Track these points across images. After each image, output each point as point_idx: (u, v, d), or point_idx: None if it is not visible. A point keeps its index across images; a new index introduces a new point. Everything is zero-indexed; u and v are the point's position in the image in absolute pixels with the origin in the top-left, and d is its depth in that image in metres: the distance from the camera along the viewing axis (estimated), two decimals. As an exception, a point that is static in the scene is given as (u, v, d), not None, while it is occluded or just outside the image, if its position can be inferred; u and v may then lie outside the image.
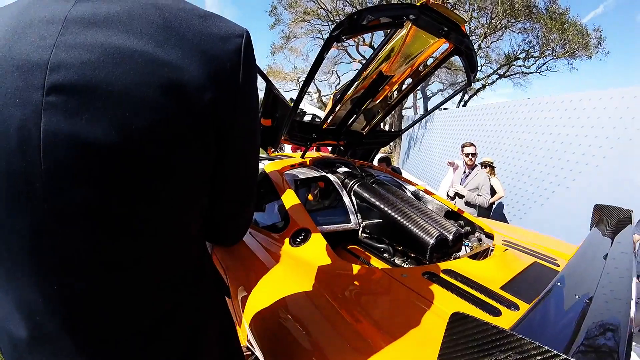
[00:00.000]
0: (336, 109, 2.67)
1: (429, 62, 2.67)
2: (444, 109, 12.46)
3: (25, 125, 0.47)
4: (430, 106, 18.73)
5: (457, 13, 2.02)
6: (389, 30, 2.11)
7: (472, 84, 2.69)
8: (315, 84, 24.83)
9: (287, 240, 1.80)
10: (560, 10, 15.11)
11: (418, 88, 16.06)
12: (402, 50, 2.25)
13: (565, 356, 0.43)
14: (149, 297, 0.63)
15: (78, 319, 0.57)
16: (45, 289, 0.54)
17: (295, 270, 1.58)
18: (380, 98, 2.85)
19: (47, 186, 0.49)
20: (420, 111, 22.47)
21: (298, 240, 1.78)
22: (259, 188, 2.47)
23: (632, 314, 0.70)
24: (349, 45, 18.90)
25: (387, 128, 17.92)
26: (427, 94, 22.99)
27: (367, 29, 1.93)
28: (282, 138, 2.72)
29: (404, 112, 20.25)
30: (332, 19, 16.48)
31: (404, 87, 2.97)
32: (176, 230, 0.63)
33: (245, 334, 1.44)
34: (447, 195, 4.86)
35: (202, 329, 0.75)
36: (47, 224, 0.51)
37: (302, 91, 2.21)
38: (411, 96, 22.04)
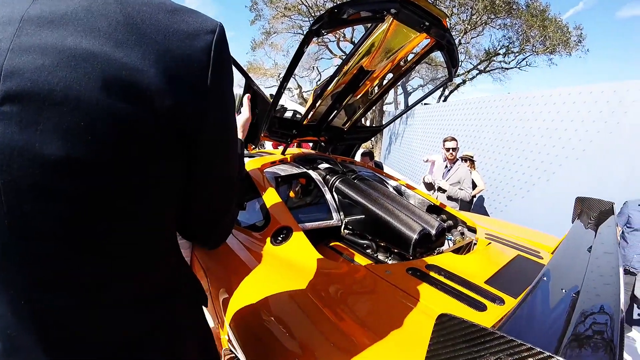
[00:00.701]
0: (317, 105, 2.64)
1: (410, 57, 2.66)
2: (425, 104, 12.55)
3: None
4: (411, 101, 18.83)
5: (439, 8, 2.01)
6: (369, 25, 2.09)
7: (453, 79, 2.69)
8: (296, 79, 24.71)
9: (268, 239, 1.77)
10: (541, 7, 15.33)
11: (399, 83, 16.17)
12: (383, 45, 2.23)
13: (558, 358, 0.41)
14: (122, 311, 0.60)
15: (50, 334, 0.54)
16: (15, 305, 0.52)
17: (276, 269, 1.55)
18: (361, 93, 2.83)
19: (7, 202, 0.46)
20: (402, 107, 22.58)
21: (279, 239, 1.74)
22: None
23: (622, 304, 0.69)
24: (330, 41, 18.87)
25: (368, 123, 17.96)
26: (408, 89, 23.11)
27: (347, 22, 1.90)
28: (262, 135, 2.67)
29: (385, 108, 20.32)
30: (313, 14, 16.38)
31: (384, 82, 2.95)
32: (146, 242, 0.60)
33: (226, 335, 1.41)
34: (424, 182, 4.86)
35: (181, 340, 0.72)
36: (11, 239, 0.48)
37: (282, 86, 2.17)
38: (392, 92, 22.16)
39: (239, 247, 1.82)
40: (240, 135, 1.03)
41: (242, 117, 1.16)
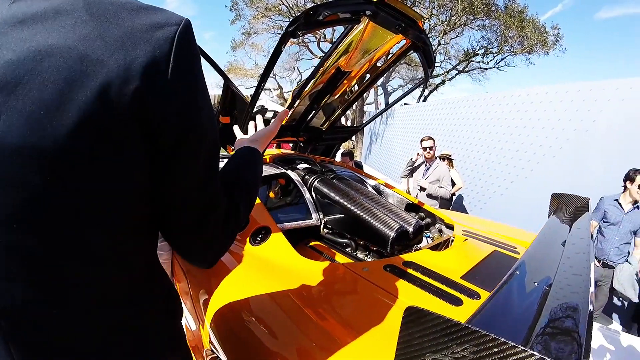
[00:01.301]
0: (295, 105, 2.63)
1: (387, 58, 2.68)
2: (405, 104, 12.66)
3: None
4: (391, 102, 19.06)
5: (417, 10, 2.04)
6: (346, 26, 2.10)
7: (431, 79, 2.73)
8: (276, 80, 24.65)
9: (247, 239, 1.76)
10: (519, 8, 15.64)
11: (379, 84, 16.28)
12: (360, 46, 2.24)
13: (522, 347, 0.41)
14: (88, 314, 0.60)
15: (14, 332, 0.55)
16: None
17: (256, 269, 1.54)
18: (339, 93, 2.84)
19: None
20: (382, 107, 22.72)
21: (258, 239, 1.73)
22: None
23: (591, 295, 0.71)
24: (310, 41, 18.88)
25: (349, 124, 18.04)
26: (388, 89, 23.26)
27: (323, 24, 1.91)
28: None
29: (365, 108, 20.42)
30: (293, 14, 16.36)
31: (362, 82, 2.96)
32: (110, 240, 0.59)
33: (207, 336, 1.40)
34: (419, 186, 4.89)
35: (152, 350, 0.72)
36: None
37: (260, 86, 2.16)
38: (372, 92, 22.28)
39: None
40: (260, 147, 0.96)
41: (265, 129, 1.08)
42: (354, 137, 17.30)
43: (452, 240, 2.06)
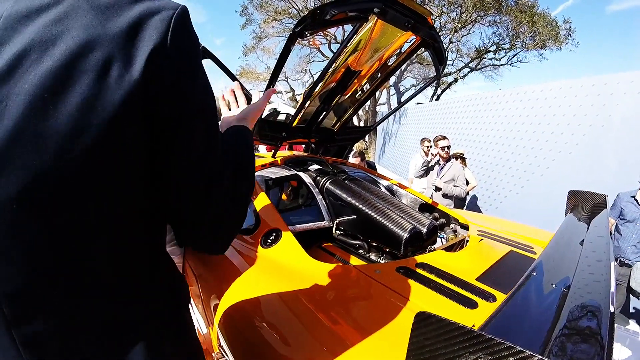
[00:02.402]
0: (305, 106, 2.61)
1: (397, 56, 2.65)
2: (418, 103, 12.56)
3: None
4: (403, 100, 19.00)
5: (427, 7, 2.00)
6: (355, 25, 2.07)
7: (443, 77, 2.70)
8: (288, 83, 24.69)
9: (259, 242, 1.74)
10: (529, 2, 15.44)
11: (391, 84, 16.20)
12: (369, 44, 2.21)
13: (540, 357, 0.38)
14: (90, 300, 0.61)
15: (17, 319, 0.56)
16: None
17: (267, 271, 1.53)
18: (350, 93, 2.81)
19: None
20: (394, 102, 22.57)
21: (269, 241, 1.72)
22: None
23: (612, 296, 0.67)
24: (322, 43, 18.88)
25: (362, 124, 17.96)
26: (401, 89, 23.09)
27: (331, 23, 1.89)
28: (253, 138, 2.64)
29: (377, 108, 20.34)
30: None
31: (373, 81, 2.93)
32: (113, 225, 0.60)
33: (217, 339, 1.39)
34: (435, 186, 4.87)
35: (156, 339, 0.71)
36: None
37: (269, 87, 2.15)
38: (384, 92, 22.17)
39: (230, 252, 1.80)
40: (249, 125, 0.93)
41: (251, 105, 1.04)
42: (367, 138, 17.24)
43: (467, 241, 2.01)
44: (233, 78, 2.87)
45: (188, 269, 2.07)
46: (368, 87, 2.97)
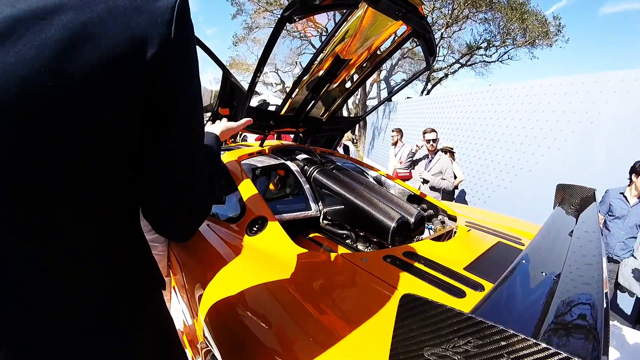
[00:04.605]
0: (293, 94, 2.57)
1: (387, 45, 2.61)
2: (408, 97, 12.57)
3: None
4: (395, 96, 19.00)
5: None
6: (344, 12, 2.03)
7: (434, 73, 2.68)
8: (279, 75, 24.54)
9: (244, 230, 1.71)
10: (519, 0, 15.50)
11: (381, 78, 16.20)
12: (359, 33, 2.18)
13: (534, 340, 0.35)
14: (56, 266, 0.59)
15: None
16: None
17: (252, 260, 1.49)
18: (339, 82, 2.78)
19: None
20: (384, 96, 22.58)
21: (254, 229, 1.68)
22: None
23: (605, 285, 0.65)
24: (313, 35, 18.76)
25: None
26: (391, 83, 23.08)
27: (320, 8, 1.85)
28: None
29: (368, 102, 20.33)
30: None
31: (362, 70, 2.90)
32: (91, 202, 0.59)
33: (201, 329, 1.36)
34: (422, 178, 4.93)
35: (135, 324, 0.71)
36: None
37: (257, 73, 2.11)
38: (375, 86, 22.14)
39: (215, 240, 1.77)
40: (218, 133, 1.04)
41: (229, 123, 1.17)
42: (356, 132, 17.23)
43: (455, 232, 2.00)
44: (224, 69, 2.83)
45: (173, 257, 2.04)
46: (357, 76, 2.93)
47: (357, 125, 17.15)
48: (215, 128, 1.07)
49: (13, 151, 0.49)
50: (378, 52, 2.61)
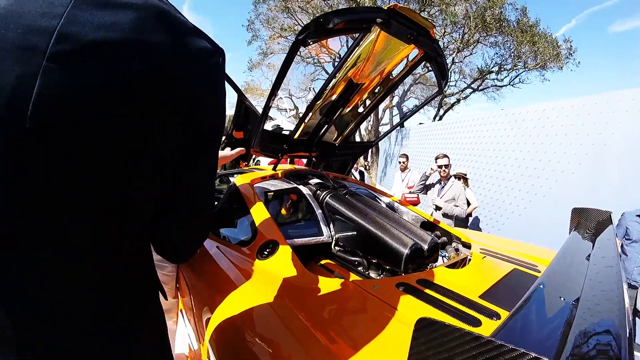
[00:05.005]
0: (307, 118, 2.60)
1: (400, 69, 2.64)
2: (420, 123, 12.58)
3: (20, 83, 0.49)
4: (407, 122, 19.08)
5: (425, 18, 2.00)
6: (357, 36, 2.06)
7: (445, 98, 2.71)
8: (292, 100, 24.87)
9: (254, 254, 1.70)
10: (530, 22, 15.66)
11: (394, 104, 16.30)
12: (372, 57, 2.20)
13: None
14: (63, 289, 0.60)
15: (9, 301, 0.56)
16: None
17: (261, 284, 1.47)
18: (351, 107, 2.80)
19: (27, 146, 0.50)
20: (397, 128, 22.65)
21: (265, 253, 1.67)
22: (230, 202, 2.37)
23: (627, 309, 0.62)
24: (326, 61, 19.05)
25: (364, 144, 17.94)
26: (404, 110, 23.21)
27: (333, 32, 1.88)
28: (253, 148, 2.62)
29: (380, 128, 20.41)
30: (309, 35, 16.52)
31: (375, 95, 2.92)
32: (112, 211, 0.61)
33: (206, 353, 1.34)
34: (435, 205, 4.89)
35: (135, 324, 0.72)
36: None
37: (271, 95, 2.15)
38: (387, 112, 22.28)
39: (225, 263, 1.76)
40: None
41: (224, 152, 1.26)
42: (368, 159, 17.24)
43: (470, 259, 1.96)
44: (239, 92, 2.88)
45: (181, 279, 2.02)
46: (370, 101, 2.96)
47: (370, 152, 17.18)
48: None
49: (13, 151, 0.50)
50: (390, 77, 2.64)
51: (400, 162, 7.04)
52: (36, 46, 0.49)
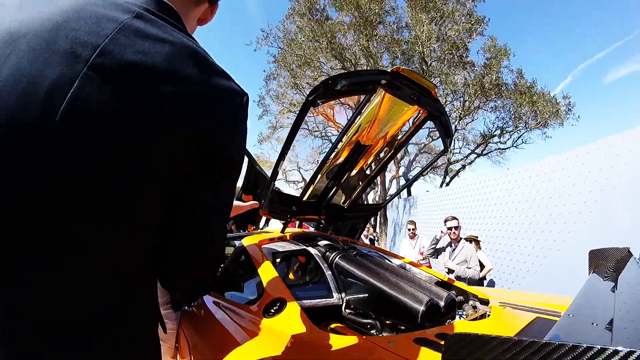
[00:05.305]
0: (316, 179, 2.60)
1: (406, 130, 2.68)
2: (427, 191, 12.62)
3: (60, 81, 0.52)
4: (414, 191, 19.06)
5: (427, 79, 2.09)
6: (362, 99, 2.13)
7: (451, 165, 2.74)
8: (300, 173, 25.25)
9: (260, 312, 1.62)
10: (527, 83, 16.15)
11: (400, 175, 16.47)
12: (377, 119, 2.26)
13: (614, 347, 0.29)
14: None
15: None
16: None
17: (268, 343, 1.38)
18: (359, 168, 2.82)
19: (53, 146, 0.52)
20: (404, 196, 22.65)
21: (272, 311, 1.59)
22: (237, 262, 2.33)
23: None
24: (333, 135, 19.56)
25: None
26: (409, 179, 23.40)
27: (341, 93, 1.96)
28: (262, 210, 2.60)
29: (387, 198, 20.40)
30: (317, 110, 17.23)
31: (382, 157, 2.95)
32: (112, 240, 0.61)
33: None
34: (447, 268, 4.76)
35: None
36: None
37: (281, 156, 2.21)
38: (395, 182, 22.43)
39: (229, 322, 1.68)
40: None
41: (237, 201, 1.24)
42: (377, 230, 17.08)
43: (489, 314, 1.85)
44: (250, 157, 2.94)
45: (182, 338, 1.93)
46: (377, 163, 2.98)
47: (378, 223, 17.07)
48: None
49: (36, 146, 0.52)
50: (397, 137, 2.68)
51: (409, 230, 6.99)
52: (81, 55, 0.54)
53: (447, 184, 18.49)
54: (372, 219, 16.10)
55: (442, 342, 1.31)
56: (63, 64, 0.53)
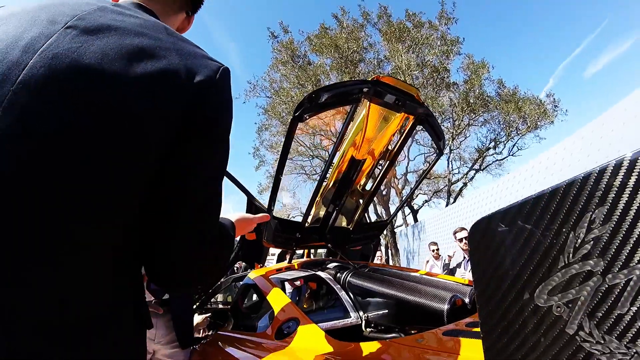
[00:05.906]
0: (315, 201, 2.53)
1: (397, 139, 2.65)
2: (428, 204, 12.60)
3: (36, 38, 0.57)
4: (420, 217, 18.92)
5: (408, 83, 2.10)
6: (349, 111, 2.11)
7: (452, 185, 2.70)
8: (299, 208, 25.15)
9: (273, 335, 1.51)
10: (510, 91, 16.61)
11: (405, 202, 16.38)
12: (367, 130, 2.24)
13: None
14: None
15: None
16: None
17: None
18: (357, 185, 2.75)
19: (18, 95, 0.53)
20: (411, 222, 22.38)
21: (284, 332, 1.48)
22: (244, 295, 2.22)
23: None
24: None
25: (381, 243, 17.64)
26: (415, 207, 23.28)
27: (326, 106, 1.97)
28: (265, 241, 2.51)
29: (395, 230, 20.24)
30: (312, 154, 17.44)
31: (377, 170, 2.90)
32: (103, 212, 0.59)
33: None
34: None
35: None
36: None
37: (277, 179, 2.23)
38: (400, 213, 22.31)
39: (240, 353, 1.56)
40: (234, 220, 1.01)
41: (246, 214, 1.17)
42: (390, 259, 16.81)
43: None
44: (248, 195, 2.90)
45: None
46: (375, 177, 2.92)
47: (390, 254, 16.82)
48: (232, 216, 1.05)
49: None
50: (390, 147, 2.63)
51: (432, 251, 6.81)
52: (59, 21, 0.60)
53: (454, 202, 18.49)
54: (384, 251, 15.87)
55: (475, 330, 1.20)
56: (42, 27, 0.59)
